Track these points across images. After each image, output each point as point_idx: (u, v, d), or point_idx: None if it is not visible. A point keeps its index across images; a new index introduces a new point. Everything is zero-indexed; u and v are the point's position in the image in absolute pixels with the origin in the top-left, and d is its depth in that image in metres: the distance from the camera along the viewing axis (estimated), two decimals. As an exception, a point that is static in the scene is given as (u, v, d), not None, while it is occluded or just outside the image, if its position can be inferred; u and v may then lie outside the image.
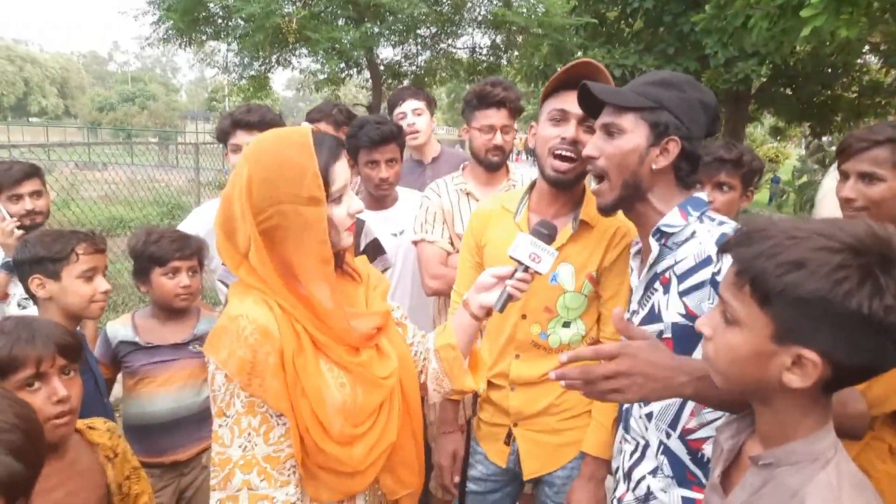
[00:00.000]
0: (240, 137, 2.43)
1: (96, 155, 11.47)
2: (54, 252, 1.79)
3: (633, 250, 1.61)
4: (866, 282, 0.79)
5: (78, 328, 1.92)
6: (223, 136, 2.51)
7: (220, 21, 12.97)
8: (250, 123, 2.41)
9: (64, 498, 1.40)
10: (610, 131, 1.45)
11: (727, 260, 0.94)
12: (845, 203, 1.71)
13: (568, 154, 1.70)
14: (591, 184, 1.92)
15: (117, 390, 2.28)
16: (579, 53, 11.52)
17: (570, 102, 1.67)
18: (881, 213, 1.65)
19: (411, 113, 3.02)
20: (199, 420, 2.12)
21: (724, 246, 0.95)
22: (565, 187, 1.75)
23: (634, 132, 1.42)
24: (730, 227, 1.39)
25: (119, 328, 2.13)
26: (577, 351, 1.14)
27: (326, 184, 1.23)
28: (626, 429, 1.59)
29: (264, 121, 2.40)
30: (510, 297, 1.43)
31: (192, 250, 2.13)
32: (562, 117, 1.71)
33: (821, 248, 0.81)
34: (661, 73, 1.49)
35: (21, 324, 1.38)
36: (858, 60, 12.09)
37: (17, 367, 1.33)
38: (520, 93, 2.40)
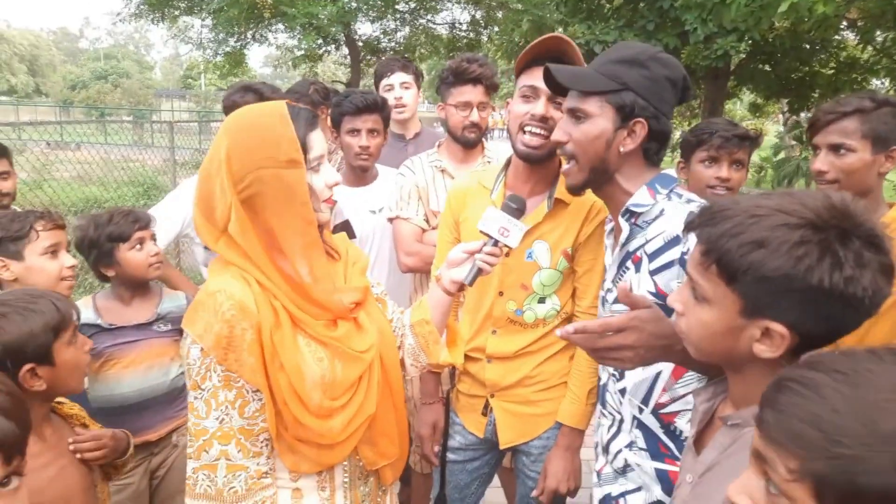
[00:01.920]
0: None
1: (69, 134, 11.25)
2: (13, 231, 1.75)
3: (607, 228, 1.62)
4: (825, 256, 0.81)
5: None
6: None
7: (193, -4, 12.70)
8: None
9: (57, 474, 1.42)
10: (577, 115, 1.44)
11: (694, 238, 0.96)
12: (817, 176, 1.72)
13: (537, 131, 1.69)
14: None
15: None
16: (560, 29, 11.45)
17: (539, 78, 1.66)
18: (852, 183, 1.66)
19: (399, 86, 2.99)
20: (168, 400, 2.10)
21: (689, 225, 0.97)
22: (537, 162, 1.75)
23: (600, 116, 1.41)
24: (696, 205, 1.39)
25: (80, 310, 2.10)
26: (585, 324, 1.12)
27: (304, 150, 1.24)
28: (603, 404, 1.62)
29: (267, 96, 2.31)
30: (480, 271, 1.45)
31: (146, 221, 2.09)
32: (532, 94, 1.70)
33: (781, 224, 0.84)
34: (626, 49, 1.45)
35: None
36: (836, 37, 12.14)
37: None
38: (496, 69, 2.39)
